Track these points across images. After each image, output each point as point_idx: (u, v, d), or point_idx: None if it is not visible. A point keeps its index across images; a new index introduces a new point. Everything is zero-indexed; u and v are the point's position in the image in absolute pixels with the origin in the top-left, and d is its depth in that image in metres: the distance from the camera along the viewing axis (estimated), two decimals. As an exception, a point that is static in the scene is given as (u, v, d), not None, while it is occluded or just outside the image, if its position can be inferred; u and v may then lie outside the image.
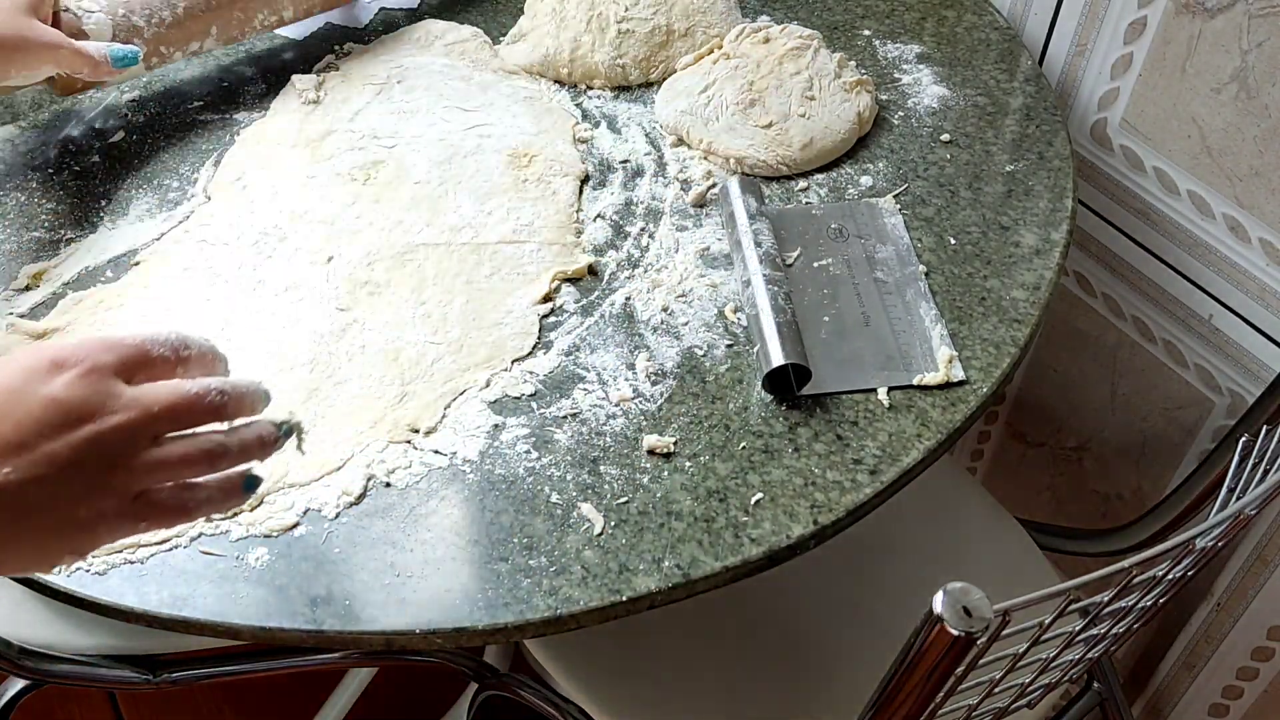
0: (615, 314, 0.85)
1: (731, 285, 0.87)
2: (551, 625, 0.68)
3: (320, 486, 0.74)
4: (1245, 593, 1.13)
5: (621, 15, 1.03)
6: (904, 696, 0.63)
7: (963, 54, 1.07)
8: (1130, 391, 1.19)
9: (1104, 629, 0.74)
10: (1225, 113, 0.97)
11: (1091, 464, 1.29)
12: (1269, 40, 0.91)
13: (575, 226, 0.91)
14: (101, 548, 0.61)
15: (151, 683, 0.98)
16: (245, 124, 0.99)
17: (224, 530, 0.71)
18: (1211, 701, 1.23)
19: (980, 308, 0.86)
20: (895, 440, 0.77)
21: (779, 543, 0.72)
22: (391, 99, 1.01)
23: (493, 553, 0.71)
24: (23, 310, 0.83)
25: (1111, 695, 1.08)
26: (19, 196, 0.92)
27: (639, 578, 0.70)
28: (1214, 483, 0.96)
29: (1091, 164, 1.11)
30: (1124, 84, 1.04)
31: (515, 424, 0.78)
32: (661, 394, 0.80)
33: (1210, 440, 1.13)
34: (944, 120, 1.01)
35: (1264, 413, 0.89)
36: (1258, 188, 0.97)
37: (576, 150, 0.97)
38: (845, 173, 0.96)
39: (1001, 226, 0.92)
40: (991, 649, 0.60)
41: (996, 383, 0.81)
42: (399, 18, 1.10)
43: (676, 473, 0.75)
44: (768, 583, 0.99)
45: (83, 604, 0.69)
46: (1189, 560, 0.70)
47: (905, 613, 0.73)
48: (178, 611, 0.68)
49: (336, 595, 0.68)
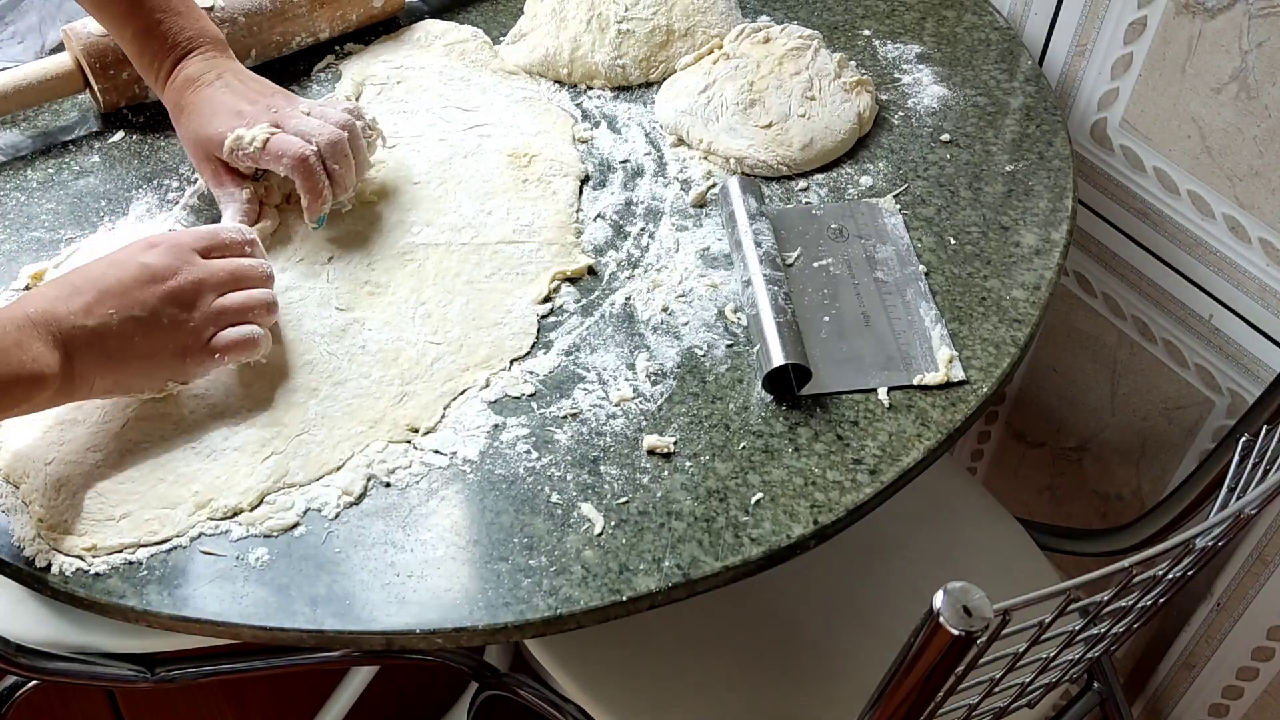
0: (615, 314, 0.85)
1: (731, 285, 0.87)
2: (551, 625, 0.68)
3: (320, 486, 0.74)
4: (1245, 593, 1.13)
5: (621, 15, 1.03)
6: (904, 696, 0.63)
7: (963, 54, 1.07)
8: (1130, 391, 1.19)
9: (1104, 629, 0.74)
10: (1225, 113, 0.97)
11: (1091, 464, 1.29)
12: (1269, 40, 0.91)
13: (575, 226, 0.91)
14: (193, 379, 0.76)
15: (150, 680, 0.98)
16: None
17: (224, 530, 0.71)
18: (1211, 701, 1.23)
19: (980, 308, 0.86)
20: (895, 440, 0.77)
21: (779, 543, 0.72)
22: (391, 99, 1.01)
23: (493, 553, 0.71)
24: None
25: (1111, 695, 1.08)
26: (19, 196, 0.92)
27: (639, 578, 0.70)
28: (1214, 483, 0.96)
29: (1091, 164, 1.11)
30: (1124, 84, 1.04)
31: (515, 424, 0.78)
32: (661, 394, 0.80)
33: (1210, 440, 1.13)
34: (944, 120, 1.01)
35: (1264, 413, 0.89)
36: (1258, 188, 0.97)
37: (576, 150, 0.97)
38: (845, 173, 0.96)
39: (1001, 226, 0.92)
40: (991, 648, 0.60)
41: (996, 383, 0.81)
42: (399, 17, 1.10)
43: (676, 473, 0.75)
44: (768, 583, 1.00)
45: (83, 603, 0.69)
46: (1189, 560, 0.70)
47: (905, 613, 0.73)
48: (178, 611, 0.68)
49: (336, 595, 0.68)
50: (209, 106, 0.87)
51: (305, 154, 0.83)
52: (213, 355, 0.75)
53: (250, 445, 0.75)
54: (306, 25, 1.03)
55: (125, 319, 0.71)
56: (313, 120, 0.86)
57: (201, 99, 0.87)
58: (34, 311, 0.69)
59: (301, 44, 1.04)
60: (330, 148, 0.85)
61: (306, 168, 0.84)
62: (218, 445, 0.75)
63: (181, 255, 0.75)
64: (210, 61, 0.89)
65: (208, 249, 0.77)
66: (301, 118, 0.86)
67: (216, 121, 0.86)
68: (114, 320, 0.71)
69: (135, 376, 0.74)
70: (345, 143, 0.86)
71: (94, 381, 0.71)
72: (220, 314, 0.75)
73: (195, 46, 0.89)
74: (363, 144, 0.89)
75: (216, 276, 0.76)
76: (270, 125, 0.85)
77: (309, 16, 1.02)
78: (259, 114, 0.86)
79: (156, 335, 0.73)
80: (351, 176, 0.87)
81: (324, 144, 0.84)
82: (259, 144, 0.84)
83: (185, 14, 0.89)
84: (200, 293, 0.75)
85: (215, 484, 0.73)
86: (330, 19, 1.04)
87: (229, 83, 0.88)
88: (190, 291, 0.74)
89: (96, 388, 0.72)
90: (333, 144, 0.85)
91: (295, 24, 1.02)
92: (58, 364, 0.68)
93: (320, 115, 0.87)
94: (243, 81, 0.89)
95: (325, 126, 0.86)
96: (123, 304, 0.71)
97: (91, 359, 0.70)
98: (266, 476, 0.73)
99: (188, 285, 0.74)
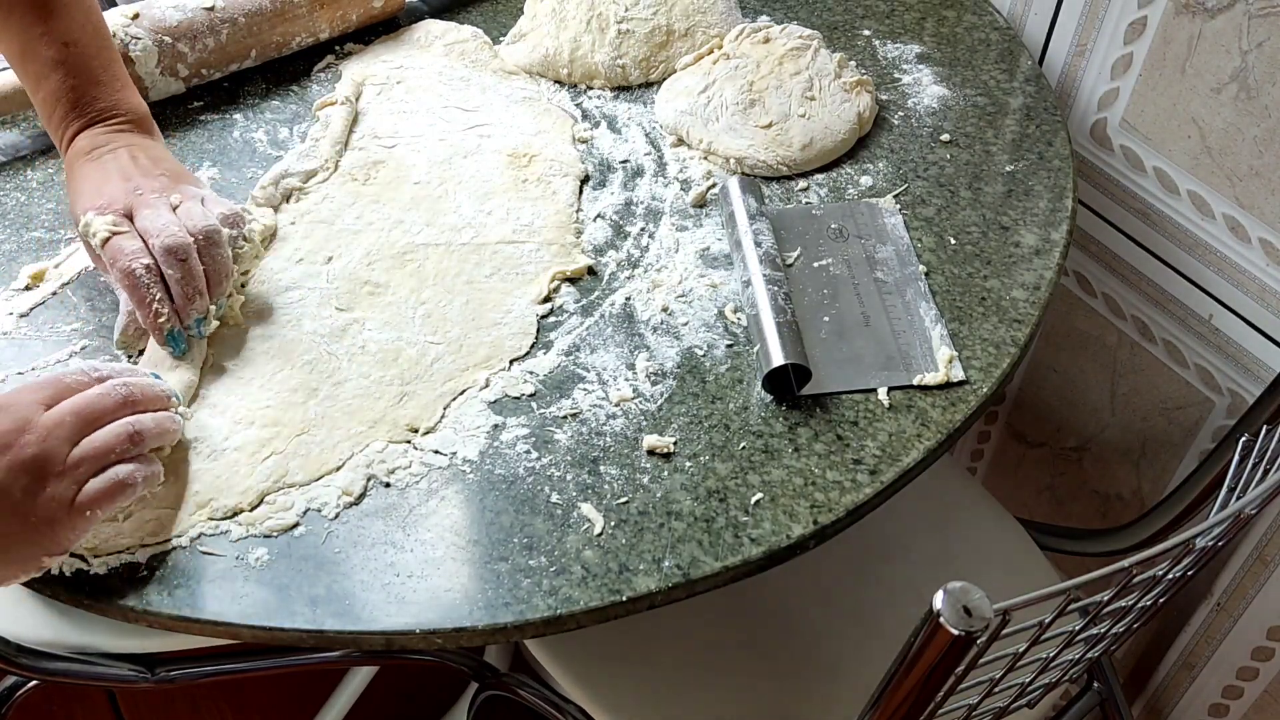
0: (615, 314, 0.85)
1: (731, 285, 0.87)
2: (551, 625, 0.68)
3: (320, 486, 0.74)
4: (1245, 593, 1.13)
5: (621, 15, 1.03)
6: (904, 696, 0.63)
7: (963, 54, 1.07)
8: (1130, 391, 1.19)
9: (1104, 629, 0.74)
10: (1225, 113, 0.97)
11: (1091, 464, 1.29)
12: (1269, 40, 0.91)
13: (575, 226, 0.91)
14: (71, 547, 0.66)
15: (150, 680, 0.98)
16: (246, 125, 0.99)
17: (224, 530, 0.71)
18: (1211, 701, 1.23)
19: (980, 308, 0.86)
20: (895, 440, 0.77)
21: (779, 543, 0.72)
22: (391, 99, 1.01)
23: (493, 553, 0.71)
24: (23, 310, 0.83)
25: (1111, 695, 1.08)
26: (19, 196, 0.92)
27: (639, 578, 0.70)
28: (1214, 482, 0.96)
29: (1091, 164, 1.11)
30: (1124, 84, 1.04)
31: (515, 424, 0.78)
32: (661, 394, 0.80)
33: (1210, 440, 1.13)
34: (944, 120, 1.01)
35: (1264, 413, 0.89)
36: (1258, 188, 0.97)
37: (576, 150, 0.97)
38: (845, 173, 0.96)
39: (1001, 226, 0.92)
40: (991, 648, 0.60)
41: (996, 383, 0.81)
42: (399, 18, 1.10)
43: (676, 473, 0.75)
44: (768, 583, 1.00)
45: (83, 603, 0.69)
46: (1189, 560, 0.70)
47: (905, 612, 0.73)
48: (177, 611, 0.68)
49: (336, 595, 0.68)
50: (78, 184, 0.78)
51: (131, 267, 0.73)
52: (83, 515, 0.65)
53: (250, 445, 0.75)
54: (307, 25, 1.03)
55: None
56: (164, 216, 0.75)
57: (83, 173, 0.79)
58: None
59: (302, 44, 1.04)
60: (166, 254, 0.74)
61: (133, 281, 0.73)
62: (218, 445, 0.75)
63: (19, 414, 0.65)
64: (113, 134, 0.81)
65: (52, 399, 0.67)
66: (158, 210, 0.76)
67: (79, 201, 0.77)
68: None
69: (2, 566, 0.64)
70: (189, 248, 0.74)
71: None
72: (78, 468, 0.65)
73: (106, 118, 0.81)
74: (226, 253, 0.77)
75: (64, 427, 0.65)
76: (121, 214, 0.75)
77: (309, 17, 1.02)
78: (119, 196, 0.76)
79: (13, 514, 0.63)
80: (197, 290, 0.75)
81: (160, 248, 0.74)
82: (100, 240, 0.74)
83: (106, 84, 0.82)
84: (48, 455, 0.64)
85: (215, 484, 0.73)
86: (330, 19, 1.04)
87: (118, 157, 0.79)
88: (36, 457, 0.64)
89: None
90: (170, 249, 0.74)
91: (295, 24, 1.02)
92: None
93: (185, 214, 0.76)
94: (135, 159, 0.79)
95: (170, 227, 0.74)
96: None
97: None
98: (266, 476, 0.73)
99: (31, 451, 0.63)
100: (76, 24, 0.82)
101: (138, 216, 0.76)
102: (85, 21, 0.83)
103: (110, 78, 0.83)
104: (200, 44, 0.97)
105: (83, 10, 0.83)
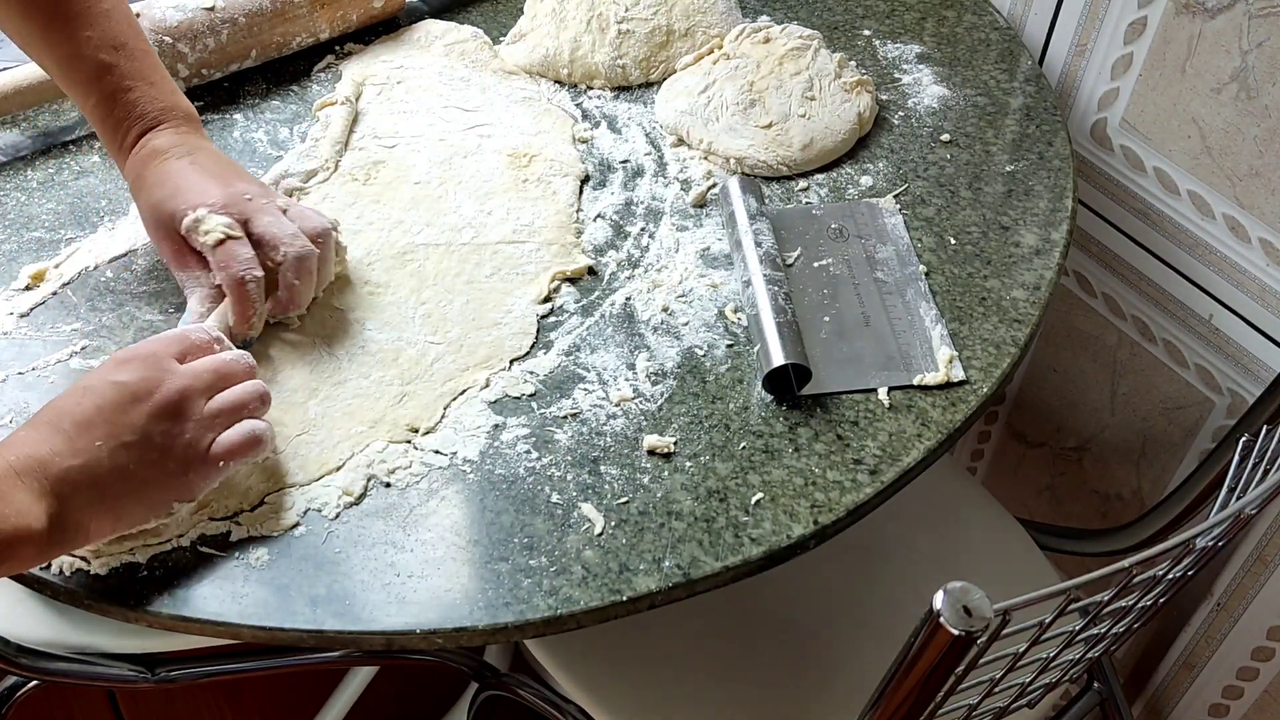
0: (615, 314, 0.85)
1: (731, 285, 0.87)
2: (551, 625, 0.68)
3: (320, 486, 0.74)
4: (1245, 593, 1.13)
5: (621, 15, 1.03)
6: (904, 696, 0.63)
7: (963, 54, 1.07)
8: (1130, 391, 1.19)
9: (1104, 629, 0.74)
10: (1225, 113, 0.97)
11: (1091, 464, 1.29)
12: (1269, 40, 0.91)
13: (575, 226, 0.91)
14: (200, 495, 0.69)
15: (150, 681, 0.99)
16: (246, 125, 0.99)
17: (224, 530, 0.71)
18: (1211, 701, 1.23)
19: (980, 308, 0.86)
20: (895, 440, 0.77)
21: (779, 543, 0.72)
22: (391, 99, 1.01)
23: (493, 553, 0.71)
24: (23, 310, 0.83)
25: (1111, 695, 1.08)
26: (19, 196, 0.92)
27: (639, 578, 0.70)
28: (1214, 483, 0.96)
29: (1091, 164, 1.11)
30: (1124, 84, 1.04)
31: (515, 424, 0.78)
32: (661, 394, 0.80)
33: (1210, 440, 1.13)
34: (944, 120, 1.01)
35: (1264, 413, 0.89)
36: (1258, 188, 0.97)
37: (576, 150, 0.97)
38: (845, 173, 0.96)
39: (1001, 226, 0.92)
40: (991, 648, 0.60)
41: (996, 383, 0.81)
42: (399, 18, 1.10)
43: (677, 473, 0.75)
44: (768, 583, 0.99)
45: (83, 603, 0.69)
46: (1189, 560, 0.70)
47: (905, 613, 0.73)
48: (178, 611, 0.68)
49: (336, 595, 0.68)
50: (173, 181, 0.79)
51: (244, 276, 0.76)
52: (216, 464, 0.69)
53: (250, 445, 0.75)
54: (307, 25, 1.03)
55: (115, 448, 0.65)
56: (285, 225, 0.79)
57: (166, 173, 0.80)
58: (15, 459, 0.62)
59: (302, 44, 1.04)
60: (297, 264, 0.78)
61: (242, 290, 0.76)
62: (218, 445, 0.75)
63: (158, 366, 0.68)
64: (181, 136, 0.82)
65: (181, 354, 0.71)
66: (274, 218, 0.79)
67: (180, 198, 0.78)
68: (103, 452, 0.64)
69: (137, 507, 0.67)
70: (313, 260, 0.79)
71: (89, 526, 0.65)
72: (215, 418, 0.69)
73: (166, 119, 0.82)
74: (331, 256, 0.82)
75: (202, 379, 0.69)
76: (235, 220, 0.77)
77: (309, 17, 1.02)
78: (228, 199, 0.78)
79: (152, 457, 0.66)
80: (309, 293, 0.80)
81: (292, 257, 0.77)
82: (213, 240, 0.77)
83: (159, 85, 0.83)
84: (188, 401, 0.68)
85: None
86: (330, 19, 1.04)
87: (199, 160, 0.81)
88: (178, 402, 0.67)
89: (93, 532, 0.65)
90: (301, 260, 0.78)
91: (295, 24, 1.02)
92: (45, 516, 0.62)
93: (298, 217, 0.80)
94: (216, 162, 0.82)
95: (298, 238, 0.78)
96: (108, 432, 0.65)
97: (85, 502, 0.64)
98: (266, 476, 0.73)
99: (173, 396, 0.67)
100: (122, 28, 0.83)
101: (254, 222, 0.78)
102: (128, 25, 0.83)
103: (161, 79, 0.84)
104: (200, 44, 0.97)
105: (122, 13, 0.83)
